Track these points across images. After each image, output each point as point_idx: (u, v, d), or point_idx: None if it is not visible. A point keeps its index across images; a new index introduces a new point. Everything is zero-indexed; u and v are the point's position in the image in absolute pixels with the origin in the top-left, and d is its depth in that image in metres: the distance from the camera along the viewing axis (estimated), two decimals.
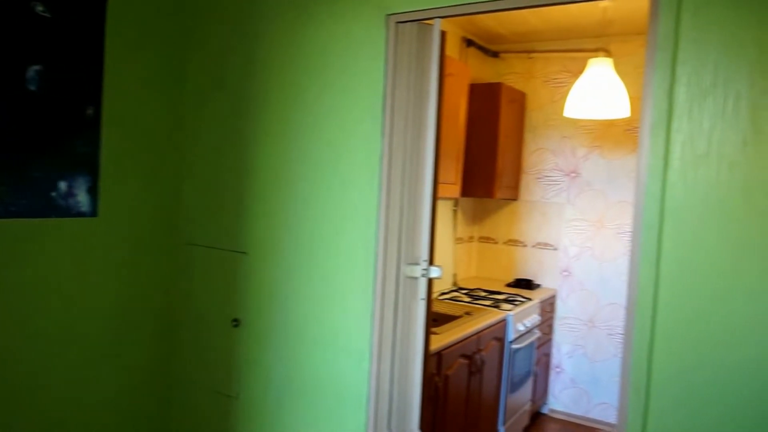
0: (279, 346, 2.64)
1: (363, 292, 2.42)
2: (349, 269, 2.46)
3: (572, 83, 3.34)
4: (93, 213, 2.51)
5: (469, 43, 3.87)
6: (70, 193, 2.42)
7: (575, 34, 3.81)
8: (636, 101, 3.42)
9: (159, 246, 2.84)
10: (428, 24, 2.37)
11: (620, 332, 3.82)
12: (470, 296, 3.62)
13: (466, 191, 3.70)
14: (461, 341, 2.82)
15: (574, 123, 3.93)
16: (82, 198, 2.47)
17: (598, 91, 3.11)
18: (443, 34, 2.38)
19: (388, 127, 2.36)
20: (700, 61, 1.82)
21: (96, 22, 2.46)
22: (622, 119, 3.68)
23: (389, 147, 2.37)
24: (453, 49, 3.69)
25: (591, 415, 3.98)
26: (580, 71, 3.27)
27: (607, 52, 3.25)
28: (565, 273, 4.05)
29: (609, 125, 3.83)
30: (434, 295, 3.56)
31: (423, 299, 2.38)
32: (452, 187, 3.32)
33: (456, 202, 3.98)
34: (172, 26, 2.80)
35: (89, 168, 2.48)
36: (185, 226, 2.91)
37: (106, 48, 2.50)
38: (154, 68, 2.73)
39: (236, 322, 2.74)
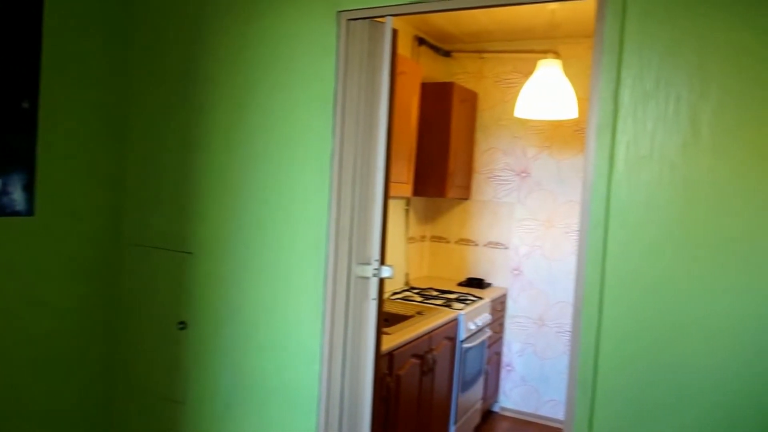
0: (227, 348, 2.58)
1: (313, 293, 2.39)
2: (299, 269, 2.42)
3: (523, 84, 3.38)
4: (29, 212, 2.39)
5: (421, 41, 3.87)
6: (4, 191, 2.29)
7: (525, 36, 3.86)
8: (584, 102, 3.49)
9: (101, 247, 2.73)
10: (380, 22, 2.35)
11: (569, 330, 3.90)
12: (422, 296, 3.62)
13: (418, 190, 3.70)
14: (413, 341, 2.82)
15: (525, 123, 3.98)
16: (18, 196, 2.34)
17: (547, 92, 3.15)
18: (395, 33, 2.37)
19: (339, 125, 2.34)
20: (643, 65, 1.87)
21: (33, 12, 2.34)
22: (571, 120, 3.76)
23: (340, 145, 2.34)
24: (405, 47, 3.68)
25: (541, 413, 4.05)
26: (531, 72, 3.31)
27: (556, 54, 3.30)
28: (516, 272, 4.10)
29: (558, 126, 3.90)
30: (386, 295, 3.55)
31: (374, 299, 2.36)
32: (404, 187, 3.31)
33: (408, 202, 3.98)
34: (115, 18, 2.69)
35: (25, 164, 2.36)
36: (129, 226, 2.80)
37: (44, 40, 2.38)
38: (96, 61, 2.62)
39: (182, 325, 2.66)
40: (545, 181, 3.98)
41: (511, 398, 4.15)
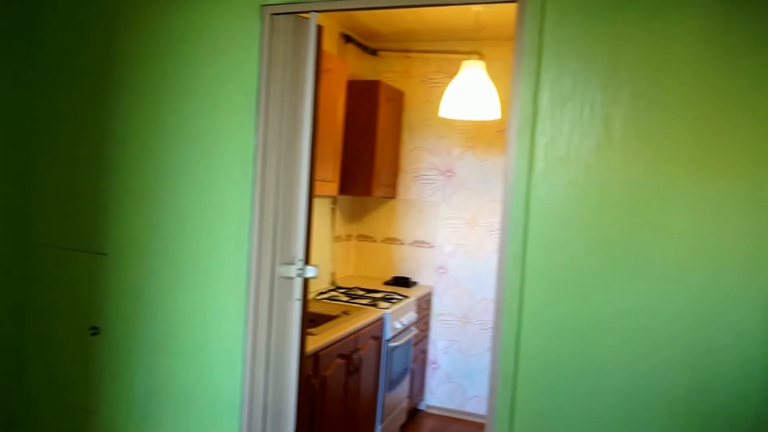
0: (144, 353, 2.47)
1: (235, 294, 2.32)
2: (220, 270, 2.36)
3: (448, 84, 3.42)
4: None
5: (348, 39, 3.85)
6: None
7: (451, 36, 3.92)
8: (507, 104, 3.57)
9: (4, 248, 2.54)
10: (305, 17, 2.32)
11: (492, 327, 3.99)
12: (348, 295, 3.61)
13: (344, 189, 3.68)
14: (339, 341, 2.80)
15: (450, 123, 4.04)
16: None
17: (471, 93, 3.21)
18: (320, 29, 2.34)
19: (262, 122, 2.29)
20: (561, 70, 1.93)
21: None
22: (495, 121, 3.84)
23: (264, 143, 2.29)
24: (331, 44, 3.65)
25: (465, 409, 4.13)
26: (456, 72, 3.36)
27: (480, 56, 3.37)
28: (441, 270, 4.16)
29: (482, 126, 3.98)
30: (311, 295, 3.51)
31: (299, 300, 2.33)
32: (330, 185, 3.28)
33: (334, 201, 3.95)
34: (17, 9, 2.50)
35: None
36: (36, 226, 2.63)
37: None
38: None
39: (95, 330, 2.52)
40: (470, 180, 4.05)
41: (437, 396, 4.20)
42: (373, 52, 4.18)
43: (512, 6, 2.02)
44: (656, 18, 1.85)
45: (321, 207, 3.76)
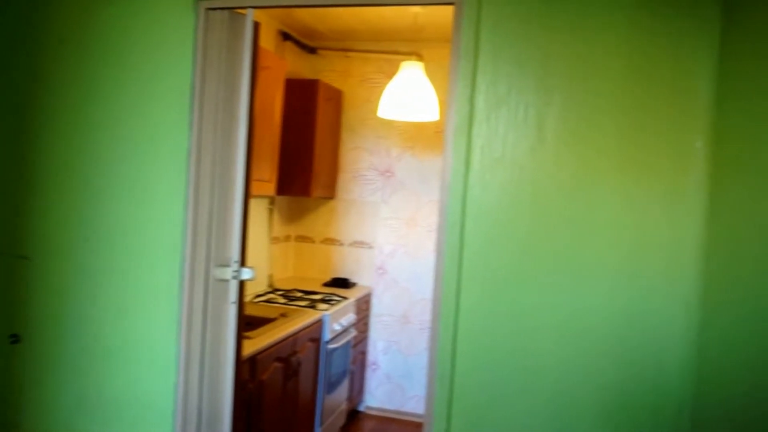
0: (69, 362, 2.35)
1: (168, 298, 2.25)
2: (152, 273, 2.28)
3: (387, 84, 3.43)
4: None
5: (286, 36, 3.79)
6: None
7: (390, 37, 3.93)
8: (445, 105, 3.61)
9: None
10: (241, 13, 2.26)
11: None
12: (286, 297, 3.55)
13: (282, 189, 3.62)
14: (276, 344, 2.75)
15: (389, 123, 4.05)
16: None
17: (409, 94, 3.22)
18: (257, 25, 2.29)
19: (196, 120, 2.22)
20: (496, 73, 1.96)
21: None
22: (433, 122, 3.87)
23: (198, 141, 2.23)
24: (269, 41, 3.59)
25: (405, 409, 4.15)
26: (395, 73, 3.37)
27: (419, 57, 3.39)
28: (381, 271, 4.16)
29: (421, 127, 4.01)
30: (248, 298, 3.43)
31: (234, 303, 2.27)
32: (267, 185, 3.22)
33: (272, 201, 3.88)
34: None
35: None
36: None
37: None
38: None
39: (15, 338, 2.38)
40: (409, 180, 4.07)
41: (377, 397, 4.20)
42: (312, 50, 4.14)
43: (450, 8, 2.04)
44: (584, 26, 1.92)
45: (258, 207, 3.69)
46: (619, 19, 1.90)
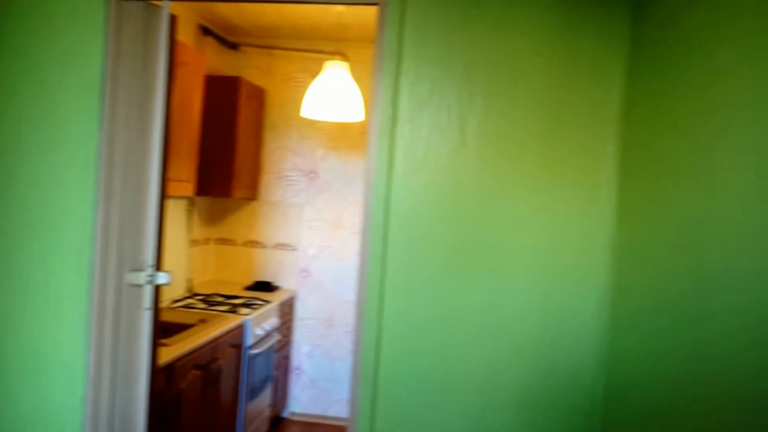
0: None
1: (76, 304, 2.13)
2: (59, 279, 2.15)
3: (311, 83, 3.38)
4: None
5: (206, 31, 3.67)
6: None
7: (314, 35, 3.88)
8: (369, 106, 3.61)
9: None
10: (157, 4, 2.16)
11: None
12: (206, 302, 3.43)
13: (201, 190, 3.49)
14: (195, 351, 2.64)
15: (313, 123, 4.00)
16: None
17: (333, 94, 3.19)
18: (174, 18, 2.20)
19: (108, 115, 2.10)
20: (419, 74, 1.97)
21: None
22: (358, 122, 3.86)
23: (109, 139, 2.11)
24: (188, 35, 3.45)
25: (331, 413, 4.10)
26: (319, 72, 3.32)
27: (344, 56, 3.36)
28: (305, 273, 4.10)
29: (345, 127, 3.99)
30: (165, 303, 3.29)
31: (149, 309, 2.16)
32: (185, 185, 3.10)
33: (191, 202, 3.74)
34: None
35: None
36: None
37: None
38: None
39: None
40: (333, 182, 4.04)
41: (301, 402, 4.14)
42: (234, 46, 4.02)
43: (374, 9, 2.03)
44: (506, 33, 1.96)
45: (176, 209, 3.54)
46: (539, 28, 1.96)
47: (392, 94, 1.96)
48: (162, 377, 2.37)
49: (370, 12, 3.25)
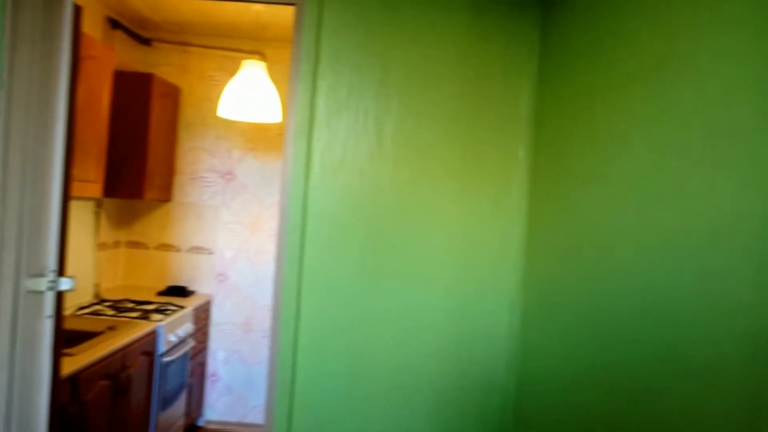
0: None
1: None
2: None
3: (228, 82, 3.31)
4: None
5: (116, 24, 3.50)
6: None
7: (232, 33, 3.80)
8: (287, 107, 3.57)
9: None
10: None
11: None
12: (115, 308, 3.27)
13: (110, 191, 3.33)
14: (103, 360, 2.51)
15: (230, 124, 3.91)
16: None
17: (250, 94, 3.14)
18: (78, 9, 2.08)
19: (3, 111, 1.96)
20: (337, 77, 1.97)
21: None
22: (275, 124, 3.81)
23: (4, 135, 1.97)
24: (94, 28, 3.29)
25: (248, 420, 4.02)
26: (236, 71, 3.26)
27: (263, 56, 3.31)
28: (221, 277, 4.00)
29: (263, 128, 3.92)
30: (70, 311, 3.11)
31: (50, 317, 2.04)
32: (92, 186, 2.94)
33: (99, 203, 3.56)
34: None
35: None
36: None
37: None
38: None
39: None
40: (251, 183, 3.96)
41: (217, 409, 4.03)
42: (147, 41, 3.87)
43: (293, 9, 2.01)
44: (422, 38, 2.00)
45: (82, 211, 3.36)
46: (454, 33, 2.01)
47: (310, 97, 1.96)
48: (66, 389, 2.24)
49: (289, 12, 3.22)
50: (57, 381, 2.10)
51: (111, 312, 3.19)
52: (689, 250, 1.19)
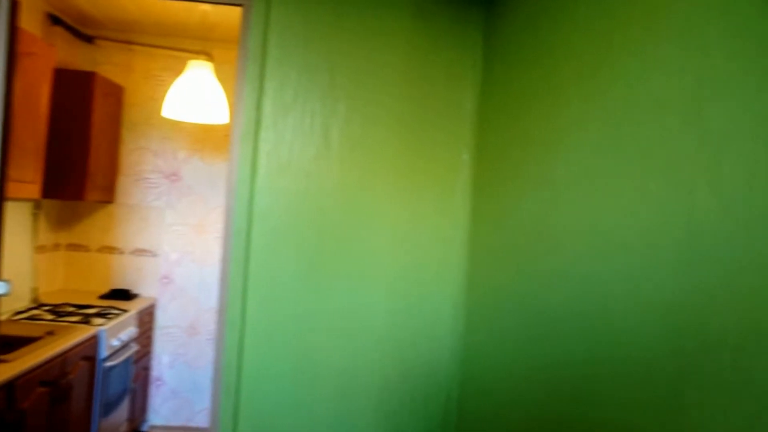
0: None
1: None
2: None
3: (173, 82, 3.26)
4: None
5: (56, 20, 3.40)
6: None
7: (178, 33, 3.74)
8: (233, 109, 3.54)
9: None
10: None
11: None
12: (54, 313, 3.17)
13: (49, 192, 3.22)
14: (41, 366, 2.43)
15: (176, 124, 3.85)
16: None
17: (196, 95, 3.10)
18: (16, 3, 2.01)
19: None
20: (284, 79, 1.99)
21: None
22: (222, 125, 3.77)
23: None
24: (33, 24, 3.18)
25: (193, 424, 3.96)
26: (182, 71, 3.21)
27: (209, 57, 3.28)
28: (165, 280, 3.93)
29: (209, 129, 3.88)
30: (5, 316, 3.00)
31: None
32: (30, 187, 2.84)
33: (37, 205, 3.44)
34: None
35: None
36: None
37: None
38: None
39: None
40: (197, 185, 3.91)
41: (162, 414, 3.94)
42: (89, 39, 3.76)
43: (240, 10, 2.01)
44: (368, 42, 2.04)
45: (18, 212, 3.24)
46: (400, 38, 2.06)
47: (256, 98, 1.96)
48: (0, 397, 2.17)
49: (237, 13, 3.20)
50: None
51: (50, 316, 3.09)
52: (622, 251, 1.24)
